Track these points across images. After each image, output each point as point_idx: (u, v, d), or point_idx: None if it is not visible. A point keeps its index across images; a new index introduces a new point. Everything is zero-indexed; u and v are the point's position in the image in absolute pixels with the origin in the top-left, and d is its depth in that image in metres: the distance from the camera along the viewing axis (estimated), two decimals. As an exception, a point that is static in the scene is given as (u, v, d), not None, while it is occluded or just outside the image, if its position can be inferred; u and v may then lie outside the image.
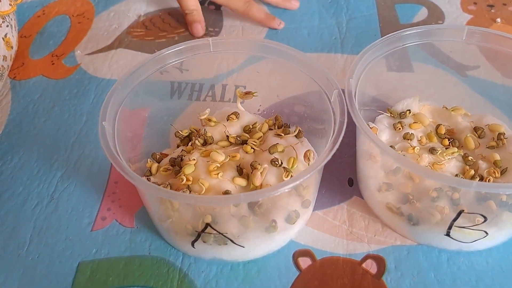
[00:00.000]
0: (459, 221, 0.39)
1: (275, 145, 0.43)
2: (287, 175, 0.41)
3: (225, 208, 0.40)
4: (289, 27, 0.65)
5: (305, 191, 0.42)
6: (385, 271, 0.41)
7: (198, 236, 0.39)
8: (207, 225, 0.37)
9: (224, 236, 0.38)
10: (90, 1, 0.71)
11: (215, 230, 0.38)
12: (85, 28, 0.67)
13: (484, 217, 0.38)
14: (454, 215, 0.39)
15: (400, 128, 0.46)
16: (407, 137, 0.45)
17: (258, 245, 0.40)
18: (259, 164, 0.42)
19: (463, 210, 0.38)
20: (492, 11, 0.67)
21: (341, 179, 0.48)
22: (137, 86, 0.45)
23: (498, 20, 0.65)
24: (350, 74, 0.42)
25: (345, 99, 0.40)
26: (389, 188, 0.42)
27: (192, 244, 0.40)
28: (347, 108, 0.39)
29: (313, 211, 0.45)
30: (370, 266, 0.41)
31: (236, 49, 0.47)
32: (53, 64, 0.62)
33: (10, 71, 0.61)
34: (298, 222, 0.42)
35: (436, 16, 0.66)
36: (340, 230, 0.44)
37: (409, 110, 0.48)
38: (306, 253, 0.42)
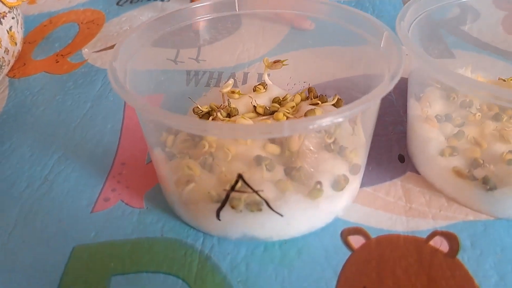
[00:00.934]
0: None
1: (312, 110, 0.37)
2: (330, 138, 0.34)
3: (257, 173, 0.32)
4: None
5: (353, 154, 0.34)
6: (459, 249, 0.32)
7: (226, 199, 0.31)
8: (239, 177, 0.29)
9: (259, 196, 0.30)
10: (101, 11, 0.67)
11: (248, 186, 0.30)
12: (94, 32, 0.62)
13: None
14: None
15: (455, 98, 0.40)
16: (465, 105, 0.39)
17: (299, 216, 0.32)
18: (294, 128, 0.35)
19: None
20: (526, 11, 0.63)
21: (390, 156, 0.40)
22: (151, 71, 0.39)
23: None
24: (400, 18, 0.37)
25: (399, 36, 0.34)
26: (454, 151, 0.35)
27: (217, 215, 0.32)
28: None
29: (360, 187, 0.37)
30: (440, 244, 0.32)
31: (270, 7, 0.41)
32: (57, 62, 0.57)
33: (10, 71, 0.56)
34: (345, 195, 0.34)
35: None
36: (396, 206, 0.36)
37: (461, 80, 0.42)
38: (358, 231, 0.34)
